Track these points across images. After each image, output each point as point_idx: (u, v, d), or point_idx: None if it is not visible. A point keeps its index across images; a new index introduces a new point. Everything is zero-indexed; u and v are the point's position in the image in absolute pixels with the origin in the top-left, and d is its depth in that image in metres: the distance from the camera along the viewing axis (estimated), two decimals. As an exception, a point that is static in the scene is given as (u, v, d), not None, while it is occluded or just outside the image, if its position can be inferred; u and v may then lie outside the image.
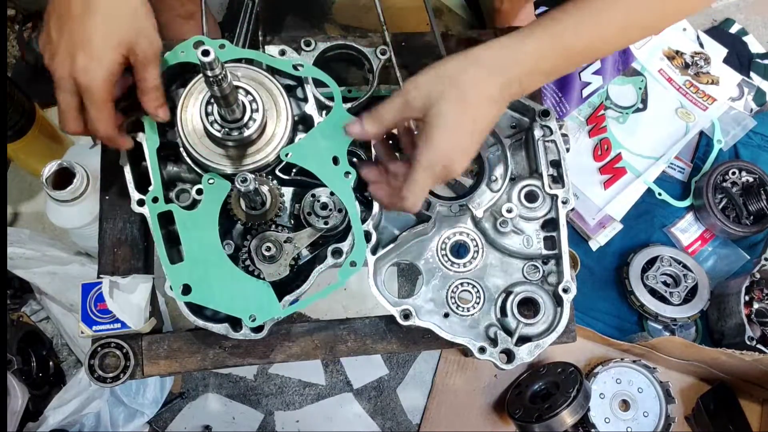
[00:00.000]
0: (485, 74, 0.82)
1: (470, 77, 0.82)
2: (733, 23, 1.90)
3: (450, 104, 0.81)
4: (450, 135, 0.82)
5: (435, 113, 0.82)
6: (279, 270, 0.95)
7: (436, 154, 0.82)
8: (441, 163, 0.82)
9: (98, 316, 1.00)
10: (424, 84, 0.83)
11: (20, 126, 1.39)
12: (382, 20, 1.11)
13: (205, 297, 0.93)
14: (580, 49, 0.86)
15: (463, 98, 0.81)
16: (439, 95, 0.81)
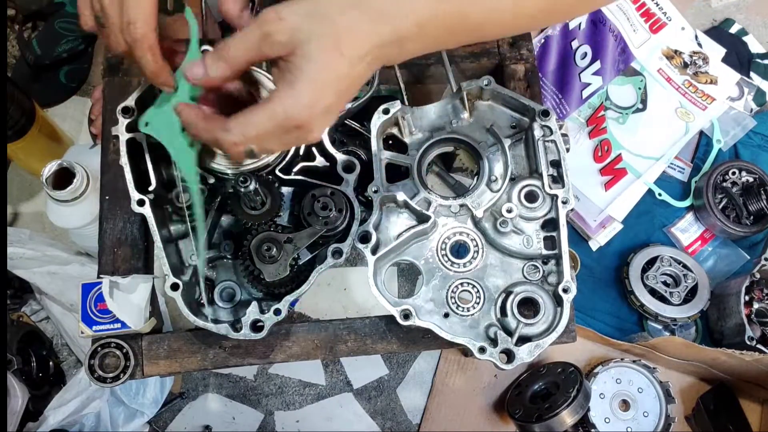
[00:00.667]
0: (367, 22, 0.67)
1: (349, 21, 0.67)
2: (733, 23, 1.90)
3: (322, 48, 0.66)
4: (317, 87, 0.67)
5: (303, 54, 0.66)
6: (279, 270, 0.95)
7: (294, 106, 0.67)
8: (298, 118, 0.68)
9: (98, 316, 1.00)
10: (290, 16, 0.67)
11: (20, 126, 1.39)
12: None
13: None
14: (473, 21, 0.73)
15: (338, 45, 0.66)
16: (310, 34, 0.66)
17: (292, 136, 0.69)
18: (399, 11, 0.69)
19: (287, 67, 0.67)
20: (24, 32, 1.68)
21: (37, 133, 1.43)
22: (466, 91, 1.05)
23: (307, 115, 0.68)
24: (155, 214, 0.96)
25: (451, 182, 1.26)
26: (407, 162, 1.07)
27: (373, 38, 0.68)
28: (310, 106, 0.67)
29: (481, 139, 1.09)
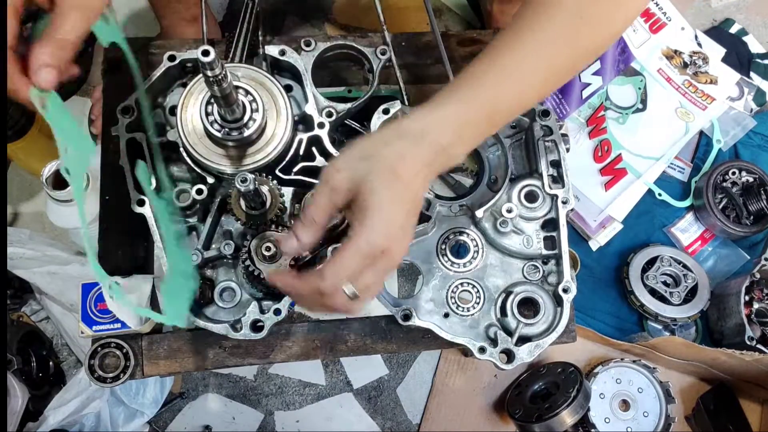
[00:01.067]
0: (410, 145, 0.76)
1: (396, 150, 0.75)
2: (733, 23, 1.90)
3: (381, 180, 0.73)
4: (387, 212, 0.73)
5: (367, 191, 0.73)
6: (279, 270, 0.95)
7: (373, 235, 0.72)
8: (380, 246, 0.73)
9: (98, 316, 1.00)
10: (345, 164, 0.76)
11: (20, 126, 1.39)
12: (382, 20, 1.11)
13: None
14: (504, 110, 0.82)
15: (393, 172, 0.74)
16: (367, 172, 0.74)
17: (380, 263, 0.74)
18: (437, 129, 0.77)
19: (357, 207, 0.74)
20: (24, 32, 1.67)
21: (37, 133, 1.43)
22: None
23: (386, 240, 0.73)
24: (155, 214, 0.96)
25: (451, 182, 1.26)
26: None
27: (422, 157, 0.76)
28: (386, 232, 0.73)
29: (481, 139, 1.09)
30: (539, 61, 0.81)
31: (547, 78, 0.84)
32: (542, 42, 0.81)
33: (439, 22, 1.84)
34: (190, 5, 1.46)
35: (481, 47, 1.19)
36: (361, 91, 1.10)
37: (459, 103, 0.79)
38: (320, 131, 1.01)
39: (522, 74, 0.81)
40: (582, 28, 0.81)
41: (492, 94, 0.80)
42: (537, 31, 0.81)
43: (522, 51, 0.81)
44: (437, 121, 0.78)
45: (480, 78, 0.80)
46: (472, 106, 0.79)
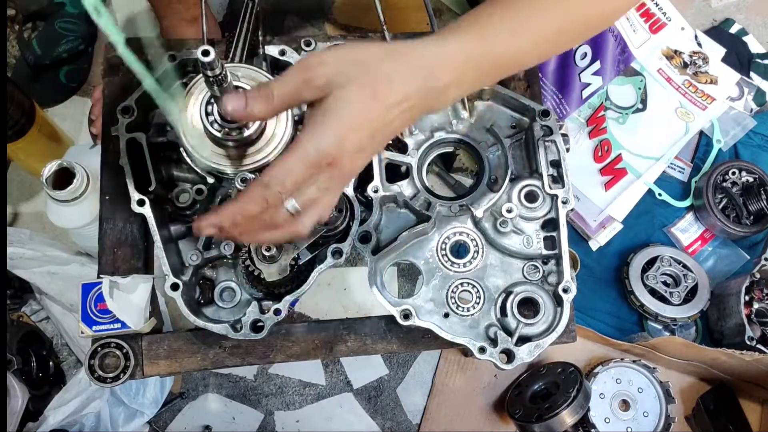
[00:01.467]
0: (405, 71, 0.70)
1: (388, 69, 0.69)
2: (733, 23, 1.90)
3: (359, 92, 0.68)
4: (350, 124, 0.68)
5: (338, 96, 0.67)
6: (279, 270, 0.95)
7: (324, 141, 0.66)
8: (329, 154, 0.67)
9: (98, 316, 1.00)
10: (332, 62, 0.68)
11: (20, 126, 1.39)
12: (382, 20, 1.11)
13: None
14: (509, 61, 0.78)
15: (374, 91, 0.68)
16: (347, 79, 0.68)
17: (325, 175, 0.68)
18: (439, 64, 0.72)
19: (320, 108, 0.68)
20: (24, 32, 1.68)
21: (37, 133, 1.43)
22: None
23: (337, 151, 0.67)
24: (155, 214, 0.96)
25: (451, 182, 1.27)
26: (407, 162, 1.07)
27: (410, 87, 0.70)
28: (339, 143, 0.67)
29: (481, 139, 1.09)
30: (554, 17, 0.78)
31: (564, 32, 0.81)
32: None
33: (439, 22, 1.84)
34: (190, 5, 1.46)
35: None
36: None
37: (469, 40, 0.75)
38: (320, 131, 1.01)
39: (535, 27, 0.78)
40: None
41: (503, 40, 0.76)
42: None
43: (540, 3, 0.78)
44: (442, 55, 0.73)
45: (495, 21, 0.76)
46: (482, 48, 0.75)
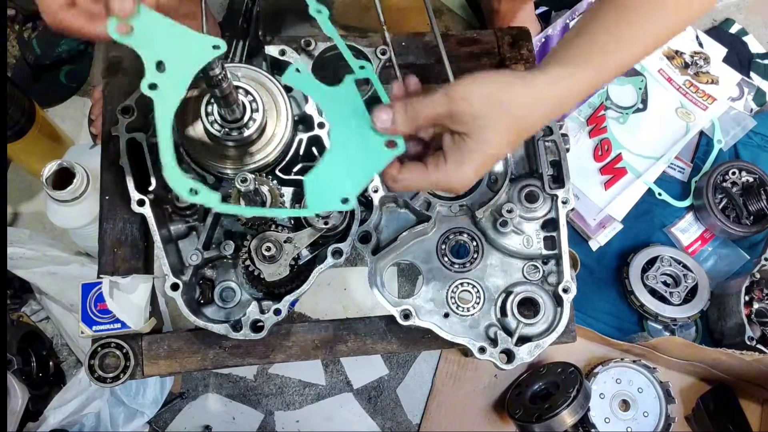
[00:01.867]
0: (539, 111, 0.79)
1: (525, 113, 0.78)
2: (733, 23, 1.90)
3: (497, 136, 0.77)
4: (481, 166, 0.79)
5: (477, 140, 0.77)
6: (279, 270, 0.95)
7: (458, 180, 0.79)
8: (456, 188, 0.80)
9: (98, 316, 1.00)
10: (476, 101, 0.76)
11: (20, 126, 1.39)
12: (382, 20, 1.11)
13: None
14: (617, 73, 0.85)
15: (508, 133, 0.78)
16: (488, 122, 0.76)
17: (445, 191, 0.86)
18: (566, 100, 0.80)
19: (462, 144, 0.77)
20: (24, 32, 1.68)
21: (37, 133, 1.43)
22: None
23: (465, 186, 0.80)
24: (155, 214, 0.96)
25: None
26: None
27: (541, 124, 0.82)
28: (470, 180, 0.80)
29: (481, 139, 1.09)
30: (654, 30, 0.83)
31: (656, 44, 0.86)
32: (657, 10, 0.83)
33: (439, 22, 1.84)
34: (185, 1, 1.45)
35: (481, 47, 1.20)
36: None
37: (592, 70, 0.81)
38: (320, 131, 1.01)
39: (639, 43, 0.83)
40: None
41: (616, 62, 0.83)
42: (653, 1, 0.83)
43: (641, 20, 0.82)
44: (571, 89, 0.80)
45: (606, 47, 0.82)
46: (602, 75, 0.82)
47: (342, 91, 0.84)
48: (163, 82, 0.74)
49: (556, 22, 1.77)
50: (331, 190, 0.79)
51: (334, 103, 0.84)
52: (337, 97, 0.84)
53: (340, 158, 0.81)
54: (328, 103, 0.84)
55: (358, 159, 0.81)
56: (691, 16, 0.88)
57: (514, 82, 0.78)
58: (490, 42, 1.21)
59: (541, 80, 0.79)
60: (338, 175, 0.80)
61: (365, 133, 0.81)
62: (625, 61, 0.84)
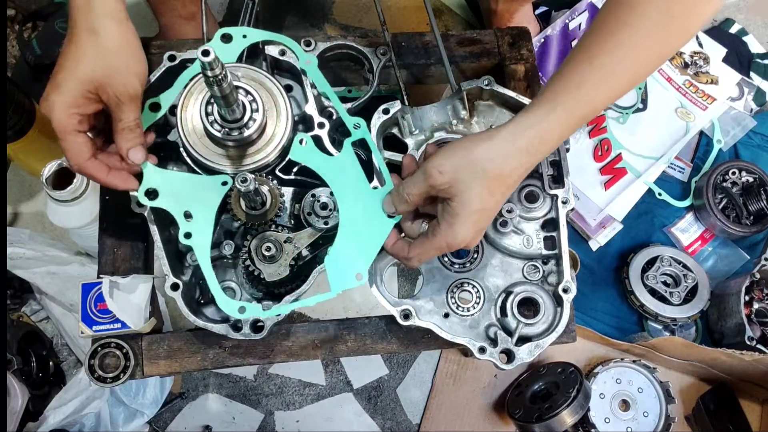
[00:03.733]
0: (513, 162, 0.84)
1: (497, 167, 0.84)
2: (733, 23, 1.90)
3: (476, 196, 0.84)
4: (473, 224, 0.86)
5: (461, 202, 0.84)
6: (279, 270, 0.95)
7: (454, 239, 0.86)
8: (456, 246, 0.87)
9: (98, 316, 1.00)
10: (448, 169, 0.84)
11: (20, 126, 1.39)
12: (382, 20, 1.11)
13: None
14: (599, 109, 0.87)
15: (490, 189, 0.84)
16: (466, 185, 0.84)
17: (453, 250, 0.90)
18: (540, 145, 0.84)
19: (449, 209, 0.86)
20: (24, 32, 1.68)
21: (37, 133, 1.43)
22: (466, 91, 1.05)
23: (464, 243, 0.87)
24: (156, 214, 0.96)
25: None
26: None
27: (518, 174, 0.86)
28: (467, 238, 0.87)
29: (481, 139, 1.08)
30: (634, 59, 0.84)
31: (639, 74, 0.88)
32: (636, 40, 0.83)
33: (439, 22, 1.84)
34: (186, 2, 1.46)
35: (481, 47, 1.20)
36: (361, 91, 1.10)
37: (564, 110, 0.84)
38: (320, 131, 1.01)
39: (619, 74, 0.85)
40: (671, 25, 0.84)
41: (592, 96, 0.85)
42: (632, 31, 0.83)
43: (619, 51, 0.83)
44: (544, 134, 0.84)
45: (581, 82, 0.84)
46: (576, 113, 0.84)
47: (343, 158, 0.96)
48: (194, 227, 0.91)
49: (556, 22, 1.77)
50: (347, 268, 0.92)
51: (337, 173, 0.95)
52: (339, 166, 0.96)
53: (350, 234, 0.93)
54: (332, 174, 0.96)
55: (365, 233, 0.93)
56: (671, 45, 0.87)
57: (480, 141, 0.85)
58: (490, 42, 1.21)
59: (504, 133, 0.85)
60: (351, 251, 0.93)
61: (368, 203, 0.94)
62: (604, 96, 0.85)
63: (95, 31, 0.86)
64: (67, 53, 0.86)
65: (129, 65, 0.89)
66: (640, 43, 0.83)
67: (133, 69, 0.89)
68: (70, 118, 0.85)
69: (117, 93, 0.87)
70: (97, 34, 0.86)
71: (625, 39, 0.83)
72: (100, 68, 0.86)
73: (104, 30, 0.86)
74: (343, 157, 0.96)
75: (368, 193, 0.94)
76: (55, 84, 0.85)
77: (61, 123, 0.85)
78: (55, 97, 0.85)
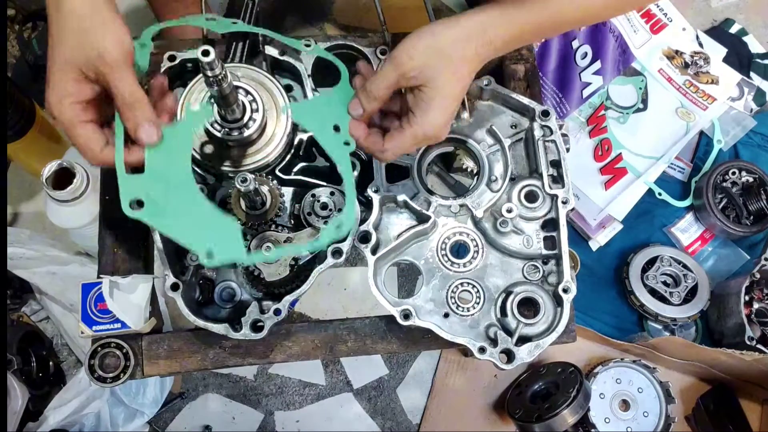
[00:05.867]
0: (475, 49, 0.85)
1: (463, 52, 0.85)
2: (733, 23, 1.90)
3: (446, 80, 0.84)
4: (444, 109, 0.86)
5: (433, 87, 0.84)
6: (279, 270, 0.95)
7: (430, 126, 0.86)
8: (433, 135, 0.88)
9: (98, 316, 1.00)
10: (418, 56, 0.84)
11: (20, 126, 1.39)
12: (382, 20, 1.11)
13: (157, 217, 0.81)
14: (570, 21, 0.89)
15: (457, 73, 0.85)
16: (436, 70, 0.84)
17: (427, 142, 0.91)
18: (504, 36, 0.86)
19: (420, 96, 0.86)
20: (24, 32, 1.68)
21: (37, 133, 1.43)
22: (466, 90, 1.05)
23: (438, 131, 0.88)
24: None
25: (451, 182, 1.26)
26: (407, 162, 1.07)
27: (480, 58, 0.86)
28: (441, 124, 0.87)
29: (481, 139, 1.09)
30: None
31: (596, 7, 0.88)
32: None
33: (439, 22, 1.84)
34: (188, 4, 1.46)
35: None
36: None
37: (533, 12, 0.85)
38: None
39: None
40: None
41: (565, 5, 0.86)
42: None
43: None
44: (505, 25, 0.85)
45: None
46: (543, 12, 0.86)
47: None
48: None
49: (556, 22, 1.77)
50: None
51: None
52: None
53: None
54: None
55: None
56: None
57: (445, 27, 0.86)
58: (490, 42, 1.21)
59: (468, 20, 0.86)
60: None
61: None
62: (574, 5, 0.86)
63: (59, 7, 0.78)
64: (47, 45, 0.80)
65: (102, 33, 0.78)
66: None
67: (108, 36, 0.78)
68: (71, 108, 0.79)
69: (99, 65, 0.77)
70: (60, 11, 0.78)
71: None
72: (73, 45, 0.78)
73: (66, 3, 0.77)
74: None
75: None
76: (47, 81, 0.80)
77: (64, 117, 0.79)
78: (50, 94, 0.79)
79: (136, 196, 0.81)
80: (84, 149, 0.81)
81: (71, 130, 0.80)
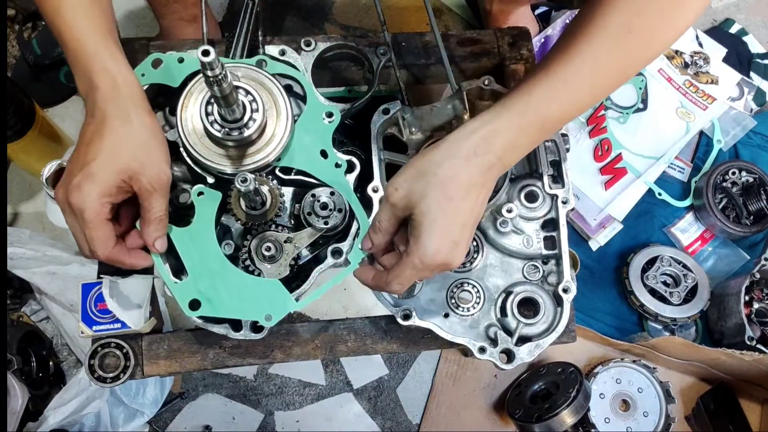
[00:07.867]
0: (463, 165, 0.83)
1: (447, 170, 0.83)
2: (733, 23, 1.90)
3: (433, 201, 0.83)
4: (438, 233, 0.83)
5: (420, 212, 0.84)
6: (279, 270, 0.95)
7: (424, 252, 0.83)
8: (434, 261, 0.84)
9: (98, 316, 1.00)
10: (402, 184, 0.86)
11: (20, 126, 1.39)
12: (382, 20, 1.11)
13: (216, 308, 0.91)
14: (556, 118, 0.85)
15: (445, 193, 0.83)
16: (421, 194, 0.84)
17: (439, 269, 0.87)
18: (488, 145, 0.83)
19: (413, 224, 0.85)
20: (24, 32, 1.68)
21: (37, 133, 1.43)
22: (466, 91, 1.05)
23: (439, 257, 0.84)
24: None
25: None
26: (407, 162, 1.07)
27: (472, 175, 0.83)
28: (437, 250, 0.83)
29: (481, 139, 1.08)
30: (593, 71, 0.83)
31: (600, 86, 0.86)
32: (595, 52, 0.82)
33: (439, 22, 1.84)
34: (188, 5, 1.46)
35: (481, 47, 1.20)
36: (361, 91, 1.10)
37: (513, 113, 0.83)
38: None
39: (575, 84, 0.83)
40: (631, 40, 0.82)
41: (545, 103, 0.83)
42: (590, 42, 0.82)
43: (576, 60, 0.82)
44: (490, 135, 0.83)
45: (533, 88, 0.84)
46: (526, 117, 0.83)
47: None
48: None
49: (556, 22, 1.77)
50: None
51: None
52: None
53: None
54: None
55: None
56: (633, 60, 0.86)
57: (428, 151, 0.86)
58: (490, 42, 1.21)
59: (452, 137, 0.85)
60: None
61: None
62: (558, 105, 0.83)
63: (129, 120, 0.85)
64: (100, 141, 0.84)
65: (160, 154, 0.88)
66: (599, 56, 0.82)
67: (163, 158, 0.88)
68: (103, 207, 0.84)
69: (151, 182, 0.86)
70: (131, 124, 0.85)
71: (583, 49, 0.82)
72: (136, 158, 0.85)
73: (138, 119, 0.86)
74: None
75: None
76: (88, 173, 0.83)
77: (94, 212, 0.83)
78: (91, 187, 0.82)
79: (191, 297, 0.91)
80: (99, 245, 0.86)
81: (96, 225, 0.84)
